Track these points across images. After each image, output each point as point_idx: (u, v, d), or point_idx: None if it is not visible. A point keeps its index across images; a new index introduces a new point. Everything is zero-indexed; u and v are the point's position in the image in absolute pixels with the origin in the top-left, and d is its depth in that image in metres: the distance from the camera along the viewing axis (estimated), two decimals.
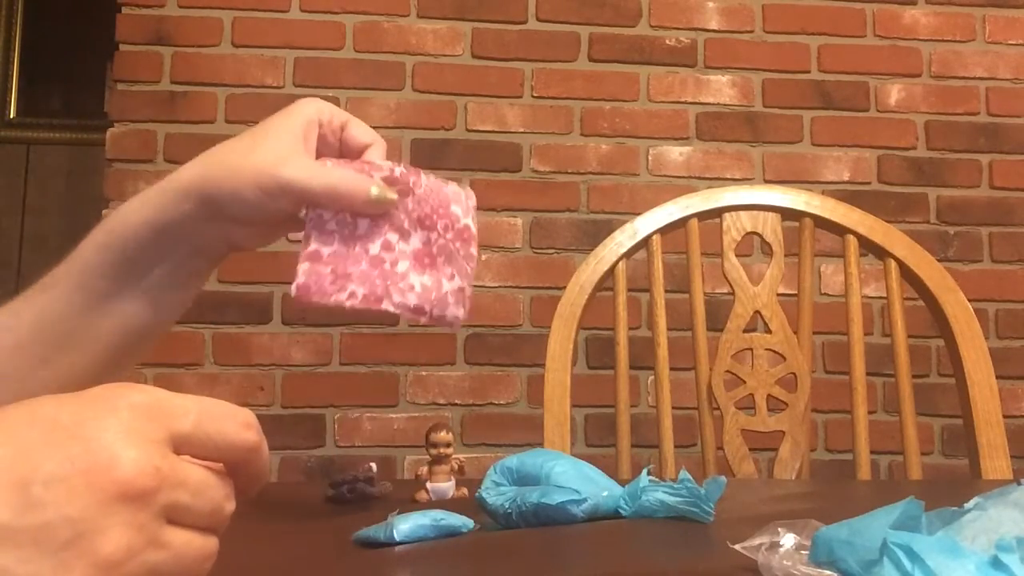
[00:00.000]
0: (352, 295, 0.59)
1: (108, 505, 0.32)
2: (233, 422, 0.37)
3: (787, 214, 1.20)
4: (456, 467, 0.75)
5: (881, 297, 1.99)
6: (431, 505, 0.72)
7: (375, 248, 0.61)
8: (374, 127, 0.72)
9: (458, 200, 0.66)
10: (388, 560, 0.51)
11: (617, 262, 1.16)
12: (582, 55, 2.17)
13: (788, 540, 0.42)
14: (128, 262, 0.62)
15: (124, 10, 2.08)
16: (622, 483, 0.61)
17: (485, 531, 0.58)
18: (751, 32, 2.22)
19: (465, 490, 0.74)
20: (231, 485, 0.38)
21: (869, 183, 2.20)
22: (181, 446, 0.35)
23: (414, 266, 0.61)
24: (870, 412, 1.14)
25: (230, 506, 0.37)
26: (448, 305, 0.61)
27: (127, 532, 0.32)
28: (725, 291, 1.22)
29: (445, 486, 0.73)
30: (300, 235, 0.61)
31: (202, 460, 0.37)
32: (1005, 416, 1.08)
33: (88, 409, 0.34)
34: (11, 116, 3.07)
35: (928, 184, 2.20)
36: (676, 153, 2.17)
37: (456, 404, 2.05)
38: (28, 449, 0.32)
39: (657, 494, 0.58)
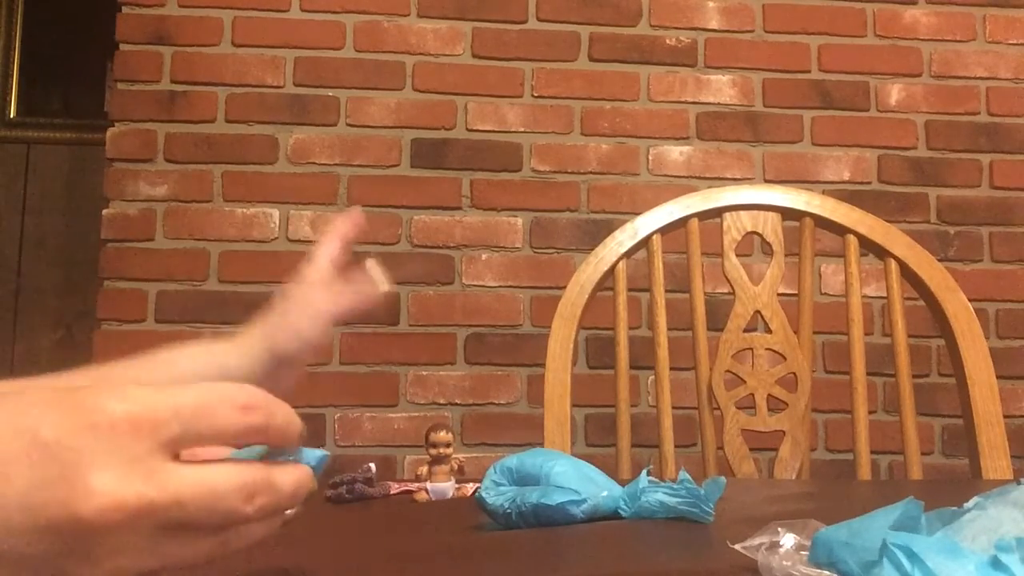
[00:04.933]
0: None
1: (89, 537, 0.32)
2: (229, 409, 0.35)
3: (787, 214, 1.20)
4: (456, 467, 0.75)
5: (881, 297, 1.99)
6: (430, 505, 0.72)
7: None
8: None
9: None
10: (387, 561, 0.51)
11: (617, 262, 1.16)
12: (582, 55, 2.17)
13: (788, 540, 0.42)
14: None
15: (124, 10, 2.08)
16: (622, 483, 0.61)
17: (485, 531, 0.58)
18: (751, 32, 2.22)
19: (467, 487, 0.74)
20: (261, 479, 0.35)
21: (869, 183, 2.19)
22: (176, 449, 0.34)
23: None
24: (870, 412, 1.14)
25: (262, 500, 0.35)
26: None
27: (111, 559, 0.32)
28: (725, 291, 1.22)
29: (445, 486, 0.73)
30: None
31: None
32: (1005, 416, 1.08)
33: (67, 422, 0.33)
34: (11, 116, 3.07)
35: (928, 184, 2.20)
36: (676, 153, 2.17)
37: (456, 404, 2.04)
38: (5, 461, 0.32)
39: (657, 495, 0.58)
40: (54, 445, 0.32)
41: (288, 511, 0.38)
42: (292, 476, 0.37)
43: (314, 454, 0.40)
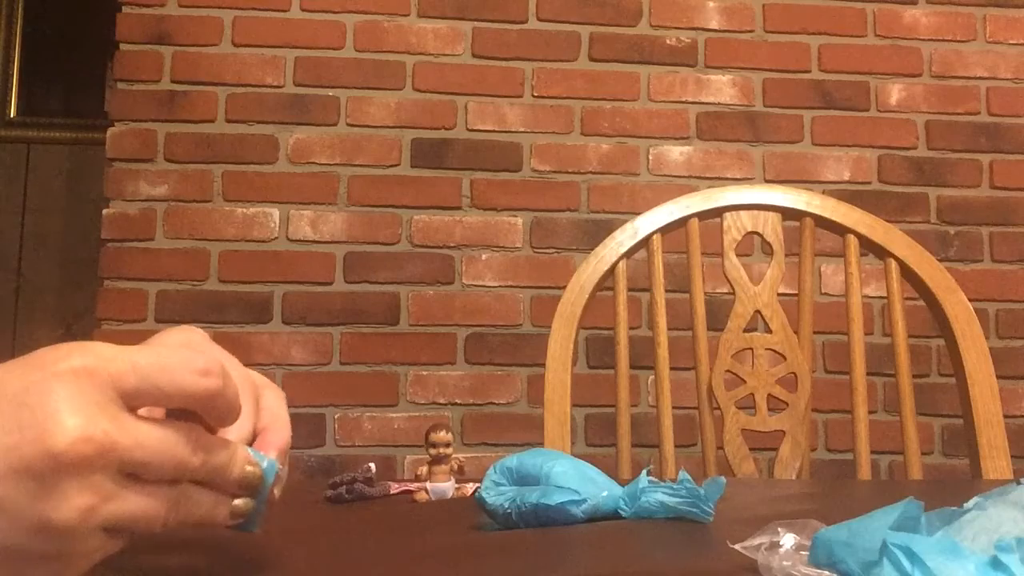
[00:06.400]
0: None
1: (61, 473, 0.33)
2: (187, 371, 0.37)
3: (787, 214, 1.20)
4: (456, 467, 0.75)
5: (881, 297, 1.99)
6: (430, 505, 0.72)
7: None
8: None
9: None
10: (386, 561, 0.51)
11: (617, 262, 1.16)
12: (582, 55, 2.17)
13: (788, 540, 0.42)
14: None
15: (124, 9, 2.09)
16: (622, 483, 0.61)
17: (485, 531, 0.58)
18: (751, 32, 2.22)
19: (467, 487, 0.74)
20: (202, 439, 0.38)
21: (869, 183, 2.19)
22: (133, 402, 0.36)
23: None
24: (870, 412, 1.14)
25: (196, 458, 0.37)
26: None
27: (82, 496, 0.33)
28: (725, 291, 1.22)
29: (445, 486, 0.73)
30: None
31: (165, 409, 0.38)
32: (1005, 416, 1.08)
33: (32, 375, 0.34)
34: (11, 116, 3.07)
35: (928, 184, 2.20)
36: (676, 153, 2.17)
37: (456, 404, 2.04)
38: None
39: (656, 495, 0.58)
40: (22, 394, 0.34)
41: (238, 501, 0.40)
42: (225, 444, 0.39)
43: (264, 458, 0.41)
